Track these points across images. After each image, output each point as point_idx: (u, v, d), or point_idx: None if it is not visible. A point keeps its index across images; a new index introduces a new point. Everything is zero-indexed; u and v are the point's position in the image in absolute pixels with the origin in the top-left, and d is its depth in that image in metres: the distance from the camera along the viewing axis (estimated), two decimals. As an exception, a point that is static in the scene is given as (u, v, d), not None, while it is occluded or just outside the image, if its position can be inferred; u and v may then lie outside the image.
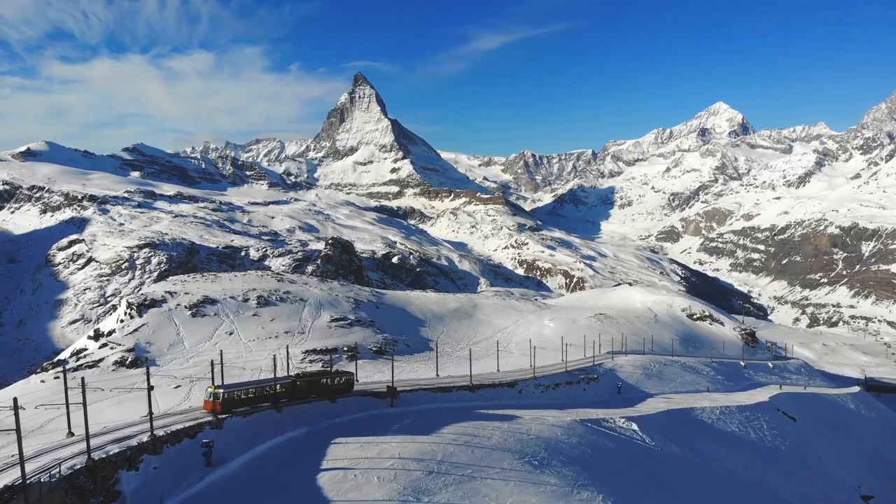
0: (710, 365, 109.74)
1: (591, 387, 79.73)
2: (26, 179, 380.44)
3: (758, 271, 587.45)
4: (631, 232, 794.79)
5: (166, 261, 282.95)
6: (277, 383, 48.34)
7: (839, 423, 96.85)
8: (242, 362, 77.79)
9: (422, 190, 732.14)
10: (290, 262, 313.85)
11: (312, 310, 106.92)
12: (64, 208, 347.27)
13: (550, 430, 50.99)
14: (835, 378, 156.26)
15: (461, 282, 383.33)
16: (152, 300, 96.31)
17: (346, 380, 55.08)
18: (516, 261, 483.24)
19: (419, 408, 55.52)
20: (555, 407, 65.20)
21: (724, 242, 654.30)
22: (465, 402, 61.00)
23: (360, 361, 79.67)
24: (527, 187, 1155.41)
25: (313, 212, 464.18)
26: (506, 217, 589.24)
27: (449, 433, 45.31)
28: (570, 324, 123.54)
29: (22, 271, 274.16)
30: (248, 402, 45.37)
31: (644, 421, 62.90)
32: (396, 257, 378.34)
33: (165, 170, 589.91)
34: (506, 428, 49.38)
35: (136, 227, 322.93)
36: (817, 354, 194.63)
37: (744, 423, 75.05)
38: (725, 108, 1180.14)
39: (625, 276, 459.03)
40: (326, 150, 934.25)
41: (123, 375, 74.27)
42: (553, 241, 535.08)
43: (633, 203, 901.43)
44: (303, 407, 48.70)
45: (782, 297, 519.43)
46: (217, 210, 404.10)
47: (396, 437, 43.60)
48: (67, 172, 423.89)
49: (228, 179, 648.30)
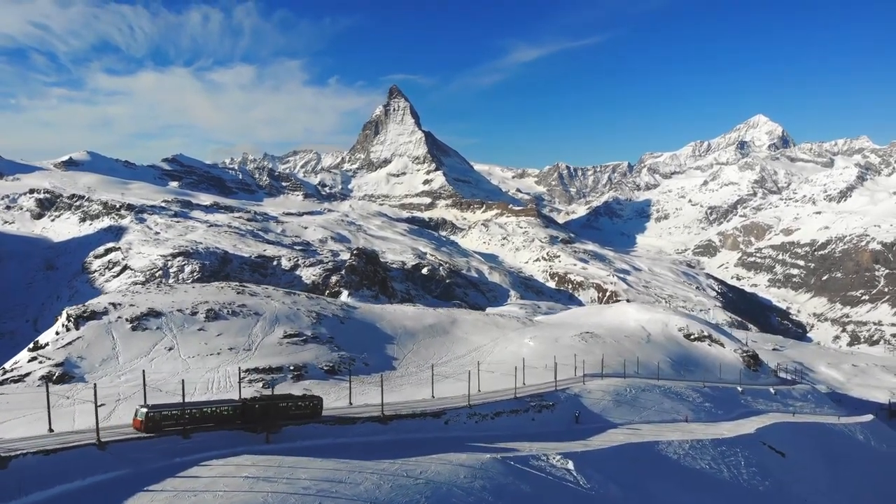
0: (701, 390, 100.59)
1: (543, 416, 70.68)
2: (67, 188, 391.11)
3: (797, 287, 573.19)
4: (667, 246, 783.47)
5: (199, 269, 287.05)
6: (225, 406, 46.21)
7: (842, 456, 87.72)
8: (177, 380, 70.80)
9: (454, 201, 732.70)
10: (320, 271, 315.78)
11: (266, 325, 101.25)
12: (102, 217, 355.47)
13: (451, 473, 43.59)
14: (856, 403, 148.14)
15: (490, 294, 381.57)
16: (93, 312, 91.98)
17: (312, 404, 51.42)
18: (547, 273, 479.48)
19: (304, 444, 47.22)
20: (487, 440, 57.80)
21: (763, 257, 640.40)
22: (370, 436, 52.31)
23: (306, 382, 74.01)
24: (561, 199, 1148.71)
25: (346, 222, 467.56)
26: (538, 229, 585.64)
27: (306, 479, 37.60)
28: (551, 343, 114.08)
29: (59, 278, 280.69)
30: (185, 424, 43.15)
31: (586, 458, 55.48)
32: (426, 268, 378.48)
33: (203, 180, 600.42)
34: (389, 470, 41.69)
35: (172, 235, 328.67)
36: (846, 376, 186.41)
37: (717, 459, 67.09)
38: (765, 120, 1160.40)
39: (659, 291, 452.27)
40: (361, 161, 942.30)
41: (51, 391, 70.32)
42: (586, 253, 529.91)
43: (670, 216, 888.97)
44: (223, 434, 43.92)
45: (822, 314, 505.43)
46: (252, 220, 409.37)
47: (230, 483, 36.15)
48: (107, 182, 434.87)
49: (265, 190, 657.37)
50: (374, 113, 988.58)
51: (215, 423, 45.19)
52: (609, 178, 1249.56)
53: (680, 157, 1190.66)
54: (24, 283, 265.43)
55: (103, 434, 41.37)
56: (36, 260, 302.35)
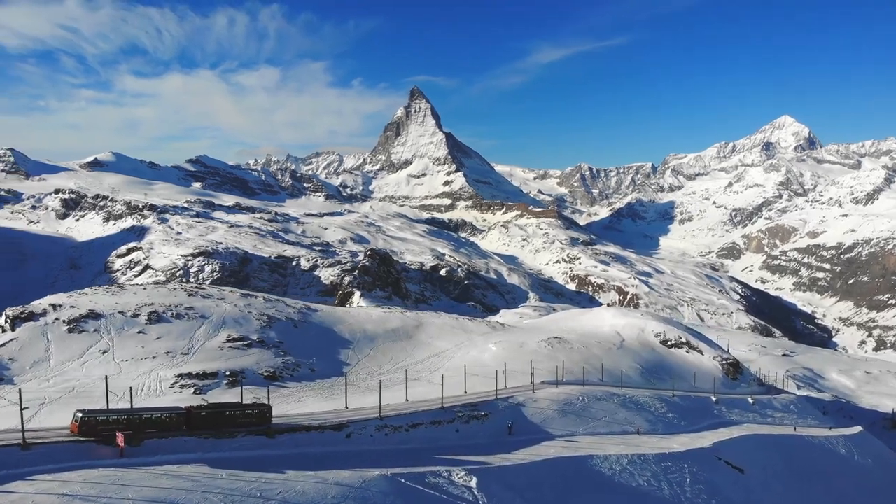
0: (667, 399, 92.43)
1: (471, 427, 64.32)
2: (92, 188, 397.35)
3: (822, 291, 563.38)
4: (691, 248, 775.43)
5: (219, 269, 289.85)
6: (169, 412, 45.64)
7: (816, 473, 79.61)
8: (106, 384, 64.67)
9: (474, 202, 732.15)
10: (339, 272, 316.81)
11: (210, 328, 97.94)
12: (126, 217, 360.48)
13: (317, 493, 38.28)
14: (862, 412, 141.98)
15: (509, 296, 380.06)
16: (31, 313, 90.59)
17: (258, 412, 50.13)
18: (567, 276, 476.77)
19: (165, 458, 41.79)
20: (394, 455, 52.68)
21: (788, 260, 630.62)
22: (250, 451, 47.17)
23: (241, 388, 72.29)
24: (583, 201, 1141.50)
25: (365, 223, 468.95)
26: (558, 231, 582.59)
27: (133, 499, 33.57)
28: (515, 348, 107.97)
29: (82, 277, 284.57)
30: (124, 430, 42.37)
31: (499, 474, 50.51)
32: (444, 269, 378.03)
33: (227, 181, 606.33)
34: (241, 490, 36.65)
35: (193, 236, 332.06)
36: (857, 383, 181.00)
37: (659, 475, 60.64)
38: (791, 121, 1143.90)
39: (682, 294, 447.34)
40: (382, 163, 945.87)
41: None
42: (607, 256, 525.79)
43: (694, 218, 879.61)
44: (69, 447, 40.72)
45: (848, 318, 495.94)
46: (272, 221, 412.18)
47: (39, 501, 32.36)
48: (132, 182, 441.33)
49: (287, 191, 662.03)
50: (395, 114, 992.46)
51: (158, 429, 44.26)
52: (632, 180, 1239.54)
53: (704, 158, 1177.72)
54: (48, 282, 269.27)
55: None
56: (60, 259, 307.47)
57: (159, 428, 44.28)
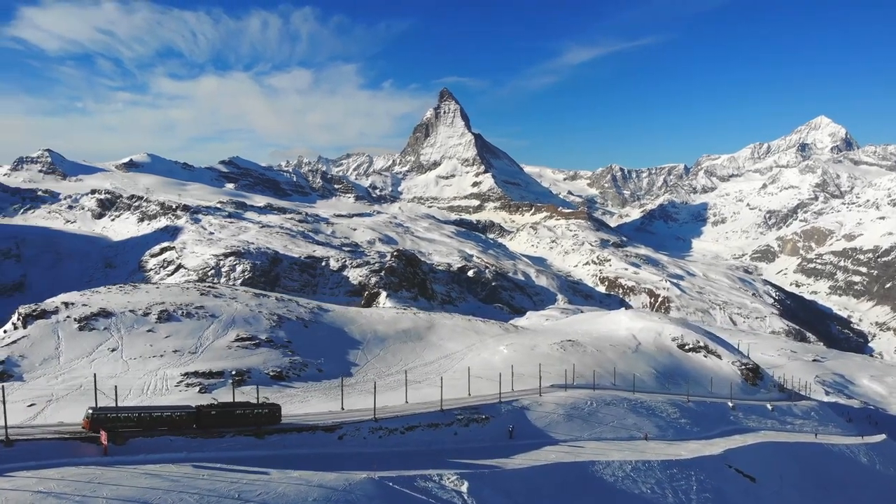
0: (681, 405, 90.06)
1: (470, 430, 62.82)
2: (127, 189, 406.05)
3: (859, 295, 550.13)
4: (724, 250, 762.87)
5: (250, 269, 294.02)
6: (179, 411, 46.02)
7: (835, 482, 77.69)
8: (114, 382, 66.47)
9: (502, 204, 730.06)
10: (367, 272, 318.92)
11: (220, 327, 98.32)
12: (159, 217, 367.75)
13: (297, 496, 37.47)
14: (889, 420, 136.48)
15: (537, 297, 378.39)
16: (43, 311, 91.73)
17: (268, 412, 50.19)
18: (597, 278, 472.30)
19: (152, 457, 41.67)
20: (388, 458, 51.95)
21: (824, 264, 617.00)
22: (238, 451, 46.59)
23: (246, 388, 70.05)
24: (614, 202, 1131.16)
25: (394, 224, 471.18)
26: (588, 232, 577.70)
27: (107, 497, 33.29)
28: (527, 351, 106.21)
29: (117, 276, 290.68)
30: (134, 427, 43.14)
31: (493, 478, 49.12)
32: (472, 271, 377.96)
33: (259, 182, 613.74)
34: (219, 490, 35.97)
35: (225, 236, 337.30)
36: (889, 390, 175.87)
37: (663, 483, 58.60)
38: (827, 122, 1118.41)
39: (714, 298, 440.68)
40: (411, 164, 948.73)
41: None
42: (638, 258, 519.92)
43: (727, 220, 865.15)
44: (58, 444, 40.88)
45: (885, 323, 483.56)
46: (303, 221, 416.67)
47: (13, 498, 32.11)
48: (166, 183, 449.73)
49: (318, 192, 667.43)
50: (424, 116, 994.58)
51: (168, 427, 44.73)
52: (664, 181, 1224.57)
53: (738, 159, 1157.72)
54: (84, 280, 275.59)
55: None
56: (95, 258, 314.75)
57: (169, 426, 44.70)
